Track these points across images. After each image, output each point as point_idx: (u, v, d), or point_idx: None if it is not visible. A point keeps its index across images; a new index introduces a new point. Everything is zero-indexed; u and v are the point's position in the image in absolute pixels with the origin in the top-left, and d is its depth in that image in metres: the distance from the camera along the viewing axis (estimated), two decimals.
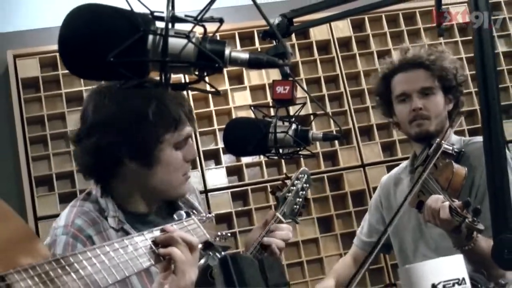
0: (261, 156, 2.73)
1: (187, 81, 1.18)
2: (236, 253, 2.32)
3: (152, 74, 1.15)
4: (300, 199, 2.49)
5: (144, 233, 1.61)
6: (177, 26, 1.14)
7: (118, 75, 1.11)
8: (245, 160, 4.32)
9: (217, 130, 4.28)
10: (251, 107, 2.16)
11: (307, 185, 2.53)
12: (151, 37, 1.11)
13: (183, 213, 1.83)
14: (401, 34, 4.72)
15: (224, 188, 4.29)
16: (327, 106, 4.47)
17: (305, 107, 2.00)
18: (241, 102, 4.38)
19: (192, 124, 2.11)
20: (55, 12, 1.20)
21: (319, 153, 4.35)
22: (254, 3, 1.18)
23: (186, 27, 1.14)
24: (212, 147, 4.35)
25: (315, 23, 2.26)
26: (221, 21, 1.14)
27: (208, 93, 1.39)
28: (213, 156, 4.39)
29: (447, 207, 2.24)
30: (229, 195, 4.26)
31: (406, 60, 2.79)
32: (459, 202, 2.25)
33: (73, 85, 4.18)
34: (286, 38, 2.03)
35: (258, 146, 1.94)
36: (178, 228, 1.73)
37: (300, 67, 4.53)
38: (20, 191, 4.04)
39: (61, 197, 3.98)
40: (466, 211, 2.20)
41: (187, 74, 1.18)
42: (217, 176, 4.30)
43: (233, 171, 4.38)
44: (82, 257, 1.29)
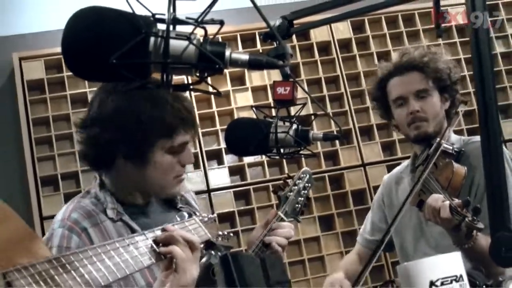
0: (263, 156, 2.73)
1: (188, 82, 1.18)
2: (237, 251, 2.32)
3: (154, 75, 1.15)
4: (301, 198, 2.49)
5: (145, 233, 1.61)
6: (178, 28, 1.14)
7: (120, 77, 1.11)
8: (247, 160, 4.32)
9: (220, 131, 4.28)
10: (253, 107, 2.16)
11: (309, 184, 2.53)
12: (152, 39, 1.12)
13: (185, 213, 1.84)
14: (401, 35, 4.72)
15: (226, 188, 4.29)
16: (328, 107, 4.47)
17: (306, 107, 2.00)
18: (243, 103, 4.38)
19: (192, 132, 2.15)
20: (60, 15, 1.20)
21: (320, 152, 4.35)
22: (254, 5, 1.18)
23: (187, 29, 1.14)
24: (215, 147, 4.35)
25: (316, 25, 2.26)
26: (221, 23, 1.14)
27: (210, 93, 1.39)
28: (215, 156, 4.39)
29: (447, 206, 2.24)
30: (231, 195, 4.26)
31: (400, 64, 2.79)
32: (459, 201, 2.24)
33: (77, 87, 4.19)
34: (287, 40, 2.02)
35: (259, 146, 1.94)
36: (179, 227, 1.74)
37: (301, 68, 4.53)
38: (26, 191, 4.05)
39: (66, 196, 3.97)
40: (466, 210, 2.19)
41: (188, 76, 1.18)
42: (219, 176, 4.30)
43: (236, 171, 4.38)
44: (82, 255, 1.29)
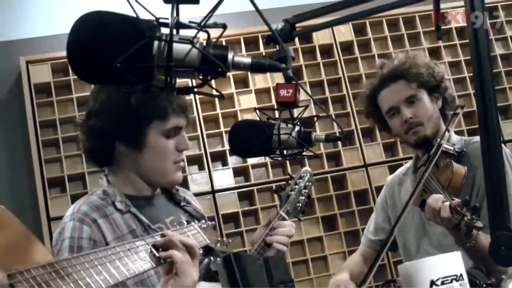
0: (266, 157, 2.73)
1: (191, 85, 1.17)
2: (240, 251, 2.33)
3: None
4: (303, 197, 2.50)
5: (145, 238, 1.63)
6: (181, 32, 1.14)
7: (125, 80, 1.11)
8: (251, 161, 4.32)
9: (224, 132, 4.29)
10: (256, 109, 2.16)
11: (309, 183, 2.54)
12: (156, 43, 1.11)
13: (183, 221, 1.86)
14: (402, 37, 4.72)
15: (231, 189, 4.29)
16: (330, 108, 4.47)
17: (308, 109, 2.00)
18: (247, 105, 4.38)
19: (184, 116, 2.21)
20: (66, 20, 1.20)
21: (323, 153, 4.35)
22: (256, 9, 1.18)
23: (191, 33, 1.14)
24: (219, 148, 4.36)
25: (318, 28, 2.25)
26: (224, 27, 1.14)
27: (213, 96, 1.39)
28: (220, 157, 4.39)
29: (447, 206, 2.24)
30: (235, 195, 4.27)
31: (384, 76, 2.79)
32: (459, 201, 2.24)
33: (84, 90, 4.18)
34: (289, 43, 2.02)
35: (262, 147, 1.94)
36: (178, 233, 1.76)
37: (303, 70, 4.53)
38: (33, 193, 4.06)
39: (73, 198, 3.98)
40: (466, 209, 2.19)
41: (191, 79, 1.18)
42: (224, 177, 4.30)
43: (240, 172, 4.38)
44: (83, 259, 1.30)
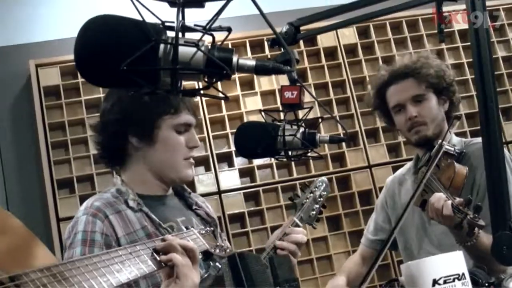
0: (272, 158, 2.73)
1: (197, 87, 1.18)
2: (244, 251, 2.34)
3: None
4: (317, 206, 2.50)
5: (145, 242, 1.64)
6: (187, 35, 1.14)
7: (131, 83, 1.12)
8: (256, 162, 4.32)
9: (230, 134, 4.28)
10: (261, 111, 2.16)
11: (325, 193, 2.54)
12: (162, 46, 1.12)
13: (183, 227, 1.92)
14: (405, 40, 4.72)
15: (237, 189, 4.29)
16: (335, 110, 4.47)
17: (313, 111, 2.01)
18: (252, 107, 4.37)
19: (194, 115, 2.25)
20: (74, 24, 1.21)
21: (328, 154, 4.35)
22: (260, 12, 1.18)
23: (196, 36, 1.14)
24: (225, 150, 4.35)
25: (322, 31, 2.25)
26: (229, 30, 1.14)
27: (218, 98, 1.39)
28: (226, 158, 4.39)
29: (449, 205, 2.24)
30: (241, 196, 4.27)
31: (394, 72, 2.80)
32: (461, 200, 2.24)
33: (92, 93, 4.19)
34: (294, 45, 2.02)
35: (267, 148, 1.94)
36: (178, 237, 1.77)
37: (308, 72, 4.52)
38: (43, 194, 4.07)
39: (81, 199, 3.97)
40: (467, 208, 2.19)
41: (196, 81, 1.18)
42: (230, 178, 4.30)
43: (246, 173, 4.38)
44: (87, 262, 1.31)
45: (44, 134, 4.12)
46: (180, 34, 1.11)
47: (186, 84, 1.23)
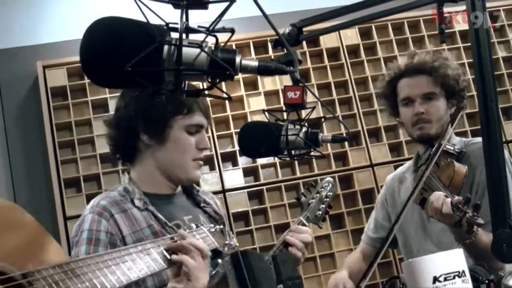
0: (275, 158, 2.73)
1: (201, 88, 1.18)
2: (246, 249, 2.34)
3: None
4: (323, 206, 2.50)
5: (155, 240, 1.63)
6: (190, 36, 1.14)
7: (136, 84, 1.12)
8: (260, 161, 4.32)
9: (234, 134, 4.29)
10: (264, 111, 2.16)
11: (331, 193, 2.54)
12: (166, 47, 1.12)
13: (193, 225, 1.89)
14: (406, 41, 4.71)
15: (241, 188, 4.30)
16: (337, 110, 4.47)
17: (316, 111, 2.01)
18: (256, 107, 4.38)
19: (206, 117, 2.26)
20: (81, 25, 1.21)
21: (330, 154, 4.35)
22: (262, 13, 1.18)
23: (200, 37, 1.14)
24: (230, 149, 4.36)
25: (325, 31, 2.26)
26: (232, 31, 1.14)
27: (221, 98, 1.39)
28: (230, 158, 4.39)
29: (449, 203, 2.24)
30: (245, 195, 4.27)
31: (411, 66, 2.78)
32: (460, 198, 2.24)
33: (99, 93, 4.20)
34: (297, 46, 2.03)
35: (271, 148, 1.94)
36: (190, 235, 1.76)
37: (311, 73, 4.53)
38: (50, 193, 4.08)
39: (88, 198, 3.98)
40: (467, 206, 2.19)
41: (200, 82, 1.18)
42: (234, 177, 4.31)
43: (249, 172, 4.38)
44: (98, 259, 1.31)
45: (51, 134, 4.13)
46: (184, 35, 1.11)
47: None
